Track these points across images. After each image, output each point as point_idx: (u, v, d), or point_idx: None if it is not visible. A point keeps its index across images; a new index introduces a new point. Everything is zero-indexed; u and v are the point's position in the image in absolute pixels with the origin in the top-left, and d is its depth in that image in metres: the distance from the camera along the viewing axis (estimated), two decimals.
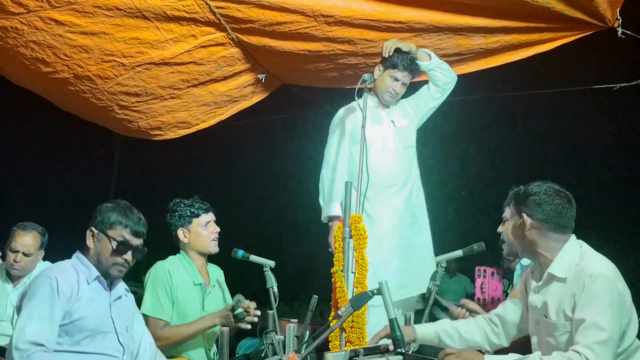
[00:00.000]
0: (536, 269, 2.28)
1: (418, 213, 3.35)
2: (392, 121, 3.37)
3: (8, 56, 3.36)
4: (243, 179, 6.95)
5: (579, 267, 2.10)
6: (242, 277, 3.51)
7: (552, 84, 4.42)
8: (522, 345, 2.40)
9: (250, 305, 2.78)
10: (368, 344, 2.37)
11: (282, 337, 2.61)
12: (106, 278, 2.36)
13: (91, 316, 2.24)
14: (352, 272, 2.87)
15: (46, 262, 3.58)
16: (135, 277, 3.31)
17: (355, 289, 2.85)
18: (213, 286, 3.07)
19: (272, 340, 2.67)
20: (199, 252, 3.04)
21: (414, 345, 2.48)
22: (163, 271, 2.90)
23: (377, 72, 3.31)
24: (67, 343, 2.19)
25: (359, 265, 2.88)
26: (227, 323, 2.77)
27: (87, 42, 3.28)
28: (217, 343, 2.88)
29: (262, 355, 2.76)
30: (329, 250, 3.23)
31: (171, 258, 3.02)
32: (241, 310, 2.72)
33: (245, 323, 2.76)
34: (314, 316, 2.85)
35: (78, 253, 2.37)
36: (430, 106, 3.41)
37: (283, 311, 4.71)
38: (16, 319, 2.20)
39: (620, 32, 3.03)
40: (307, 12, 3.14)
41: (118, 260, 2.32)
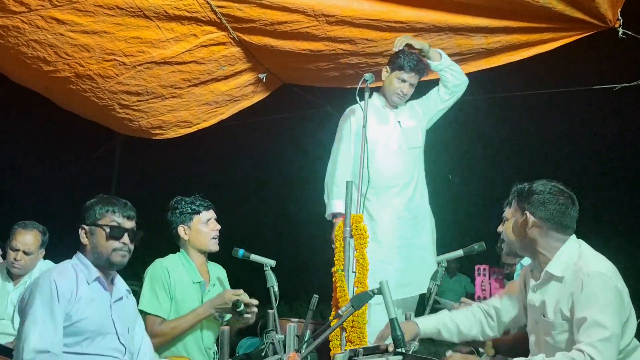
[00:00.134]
0: (535, 268, 2.28)
1: (420, 214, 3.35)
2: (399, 122, 3.38)
3: (9, 55, 3.36)
4: (244, 179, 6.94)
5: (577, 267, 2.10)
6: (243, 277, 3.51)
7: (553, 84, 4.42)
8: (522, 345, 2.39)
9: (252, 302, 2.78)
10: (373, 344, 2.37)
11: (283, 337, 2.61)
12: (110, 268, 2.36)
13: (91, 317, 2.24)
14: (353, 272, 2.87)
15: (47, 261, 3.58)
16: (135, 276, 3.30)
17: (355, 289, 2.84)
18: (213, 285, 3.06)
19: (273, 339, 2.67)
20: (199, 250, 3.04)
21: (415, 345, 2.48)
22: (161, 269, 2.90)
23: (385, 74, 3.33)
24: (67, 344, 2.18)
25: (360, 264, 2.88)
26: (224, 307, 2.76)
27: (88, 41, 3.28)
28: (218, 342, 2.88)
29: (263, 354, 2.76)
30: (332, 246, 3.23)
31: (170, 256, 3.02)
32: (236, 298, 2.72)
33: (246, 316, 2.75)
34: (315, 316, 2.84)
35: (78, 253, 2.37)
36: (439, 108, 3.41)
37: (283, 310, 4.71)
38: (18, 326, 2.20)
39: (621, 33, 3.03)
40: (308, 12, 3.14)
41: (116, 245, 2.32)
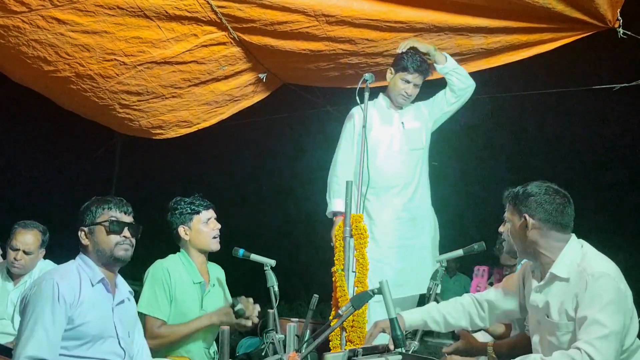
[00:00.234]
0: (537, 269, 2.28)
1: (419, 215, 3.35)
2: (402, 123, 3.38)
3: (10, 55, 3.36)
4: (244, 178, 6.95)
5: (581, 267, 2.10)
6: (243, 276, 3.51)
7: (552, 85, 4.42)
8: (523, 348, 2.40)
9: (249, 301, 2.78)
10: (364, 345, 2.37)
11: (283, 336, 2.61)
12: (115, 264, 2.35)
13: (93, 321, 2.22)
14: (353, 272, 2.87)
15: (47, 261, 3.57)
16: (135, 276, 3.30)
17: (355, 288, 2.85)
18: (213, 285, 3.05)
19: (273, 339, 2.67)
20: (200, 250, 3.03)
21: (414, 344, 2.49)
22: (162, 269, 2.88)
23: (389, 75, 3.35)
24: (68, 348, 2.17)
25: (360, 264, 2.89)
26: (226, 321, 2.77)
27: (89, 41, 3.28)
28: (218, 342, 2.88)
29: (263, 354, 2.76)
30: (331, 244, 3.24)
31: (171, 257, 3.00)
32: (241, 306, 2.72)
33: (246, 320, 2.75)
34: (315, 315, 2.85)
35: (81, 254, 2.35)
36: (445, 110, 3.41)
37: (283, 310, 4.71)
38: (19, 327, 2.18)
39: (621, 33, 3.03)
40: (308, 12, 3.14)
41: (118, 239, 2.31)
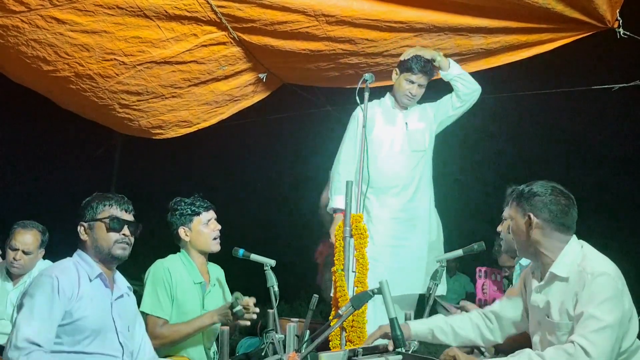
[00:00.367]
0: (537, 269, 2.28)
1: (418, 215, 3.34)
2: (406, 123, 3.38)
3: (9, 54, 3.36)
4: (244, 178, 6.94)
5: (581, 267, 2.11)
6: (243, 276, 3.51)
7: (552, 85, 4.42)
8: (522, 346, 2.39)
9: (249, 301, 2.78)
10: (363, 345, 2.37)
11: (283, 336, 2.61)
12: (112, 262, 2.35)
13: (92, 316, 2.22)
14: (353, 271, 2.87)
15: (46, 261, 3.57)
16: (136, 276, 3.30)
17: (355, 288, 2.85)
18: (213, 285, 3.06)
19: (273, 339, 2.67)
20: (200, 251, 3.03)
21: (414, 344, 2.48)
22: (163, 269, 2.89)
23: (394, 76, 3.37)
24: (67, 343, 2.17)
25: (360, 264, 2.89)
26: (227, 321, 2.77)
27: (88, 41, 3.28)
28: (218, 342, 2.88)
29: (262, 354, 2.75)
30: (329, 240, 3.30)
31: (171, 257, 3.01)
32: (240, 307, 2.72)
33: (244, 320, 2.76)
34: (315, 315, 2.85)
35: (79, 250, 2.36)
36: (450, 114, 3.41)
37: (283, 310, 4.71)
38: (15, 317, 2.18)
39: (621, 33, 3.03)
40: (308, 12, 3.15)
41: (117, 237, 2.31)
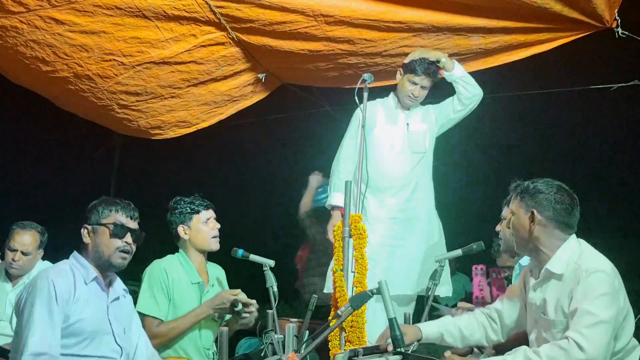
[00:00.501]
0: (535, 267, 2.29)
1: (416, 216, 3.33)
2: (408, 124, 3.38)
3: (7, 55, 3.36)
4: (243, 178, 6.94)
5: (577, 264, 2.12)
6: (242, 277, 3.51)
7: (550, 84, 4.42)
8: (522, 343, 2.40)
9: (248, 301, 2.79)
10: (375, 343, 2.37)
11: (282, 337, 2.61)
12: (110, 269, 2.35)
13: (88, 318, 2.23)
14: (352, 272, 2.87)
15: (45, 262, 3.57)
16: (134, 276, 3.30)
17: (355, 289, 2.85)
18: (212, 285, 3.05)
19: (272, 339, 2.67)
20: (200, 250, 3.03)
21: (414, 344, 2.49)
22: (159, 270, 2.89)
23: (398, 76, 3.38)
24: (65, 346, 2.17)
25: (359, 264, 2.88)
26: (223, 307, 2.76)
27: (87, 41, 3.28)
28: (217, 342, 2.88)
29: (262, 354, 2.75)
30: (326, 236, 3.34)
31: (168, 257, 3.01)
32: (241, 307, 2.72)
33: (240, 315, 2.75)
34: (314, 316, 2.85)
35: (75, 253, 2.35)
36: (451, 117, 3.41)
37: (284, 310, 4.70)
38: (17, 326, 2.19)
39: (620, 33, 3.03)
40: (307, 12, 3.14)
41: (119, 244, 2.31)
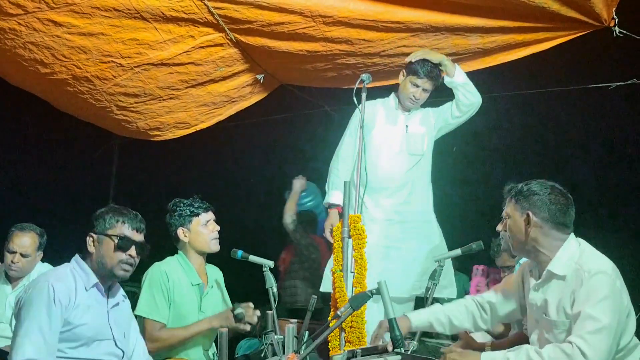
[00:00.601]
0: (534, 267, 2.29)
1: (412, 218, 3.31)
2: (407, 126, 3.38)
3: (6, 57, 3.36)
4: (242, 179, 6.93)
5: (579, 265, 2.12)
6: (241, 277, 3.50)
7: (548, 84, 4.42)
8: (521, 345, 2.40)
9: (249, 306, 2.79)
10: (368, 344, 2.38)
11: (282, 338, 2.61)
12: (110, 279, 2.35)
13: (89, 324, 2.23)
14: (352, 272, 2.87)
15: (45, 264, 3.56)
16: (133, 278, 3.29)
17: (354, 289, 2.85)
18: (211, 287, 3.05)
19: (272, 340, 2.67)
20: (199, 252, 3.03)
21: (414, 344, 2.49)
22: (160, 272, 2.88)
23: (401, 77, 3.37)
24: (65, 350, 2.17)
25: (358, 265, 2.88)
26: (226, 325, 2.76)
27: (86, 43, 3.28)
28: (217, 343, 2.87)
29: (262, 355, 2.75)
30: (322, 234, 3.34)
31: (168, 259, 3.01)
32: (241, 310, 2.72)
33: (244, 323, 2.76)
34: (313, 316, 2.85)
35: (77, 257, 2.34)
36: (449, 122, 3.40)
37: (284, 311, 4.70)
38: (15, 328, 2.18)
39: (617, 31, 3.03)
40: (305, 13, 3.14)
41: (122, 257, 2.31)
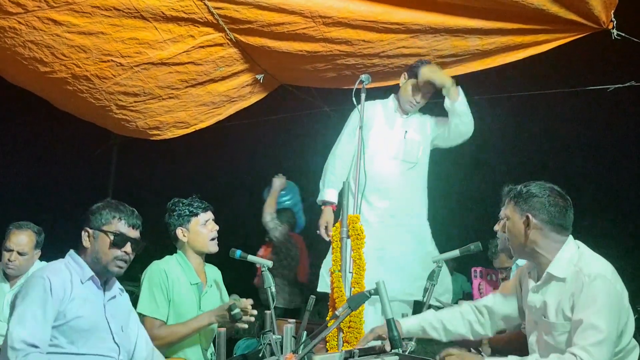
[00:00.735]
0: (534, 269, 2.29)
1: (406, 222, 3.31)
2: (406, 131, 3.37)
3: (6, 56, 3.35)
4: (241, 179, 6.94)
5: (578, 267, 2.12)
6: (240, 277, 3.51)
7: (547, 86, 4.43)
8: (519, 344, 2.41)
9: (247, 303, 2.79)
10: (358, 347, 2.37)
11: (280, 337, 2.61)
12: (105, 275, 2.35)
13: (85, 316, 2.22)
14: (350, 272, 2.88)
15: (43, 262, 3.56)
16: (132, 277, 3.30)
17: (352, 289, 2.85)
18: (210, 286, 3.06)
19: (270, 340, 2.67)
20: (198, 252, 3.03)
21: (412, 345, 2.49)
22: (159, 271, 2.89)
23: (402, 80, 3.37)
24: (62, 344, 2.17)
25: (357, 265, 2.89)
26: (224, 322, 2.77)
27: (85, 42, 3.28)
28: (215, 343, 2.88)
29: (260, 355, 2.75)
30: (317, 232, 3.33)
31: (167, 258, 3.01)
32: (238, 310, 2.73)
33: (242, 323, 2.76)
34: (312, 316, 2.85)
35: (72, 252, 2.35)
36: (440, 139, 3.41)
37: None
38: (9, 318, 2.17)
39: (615, 34, 3.04)
40: (305, 13, 3.15)
41: (117, 253, 2.31)
